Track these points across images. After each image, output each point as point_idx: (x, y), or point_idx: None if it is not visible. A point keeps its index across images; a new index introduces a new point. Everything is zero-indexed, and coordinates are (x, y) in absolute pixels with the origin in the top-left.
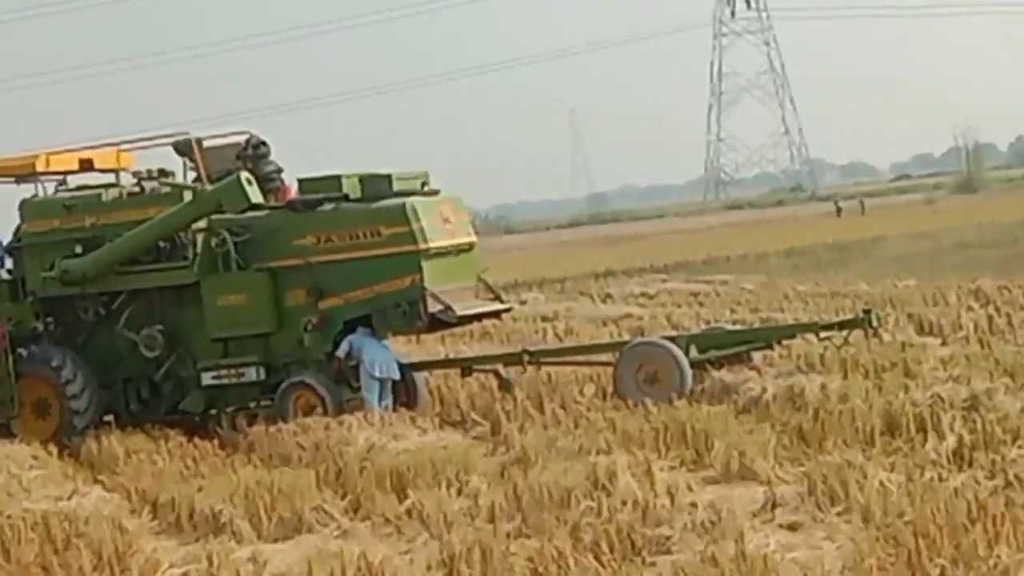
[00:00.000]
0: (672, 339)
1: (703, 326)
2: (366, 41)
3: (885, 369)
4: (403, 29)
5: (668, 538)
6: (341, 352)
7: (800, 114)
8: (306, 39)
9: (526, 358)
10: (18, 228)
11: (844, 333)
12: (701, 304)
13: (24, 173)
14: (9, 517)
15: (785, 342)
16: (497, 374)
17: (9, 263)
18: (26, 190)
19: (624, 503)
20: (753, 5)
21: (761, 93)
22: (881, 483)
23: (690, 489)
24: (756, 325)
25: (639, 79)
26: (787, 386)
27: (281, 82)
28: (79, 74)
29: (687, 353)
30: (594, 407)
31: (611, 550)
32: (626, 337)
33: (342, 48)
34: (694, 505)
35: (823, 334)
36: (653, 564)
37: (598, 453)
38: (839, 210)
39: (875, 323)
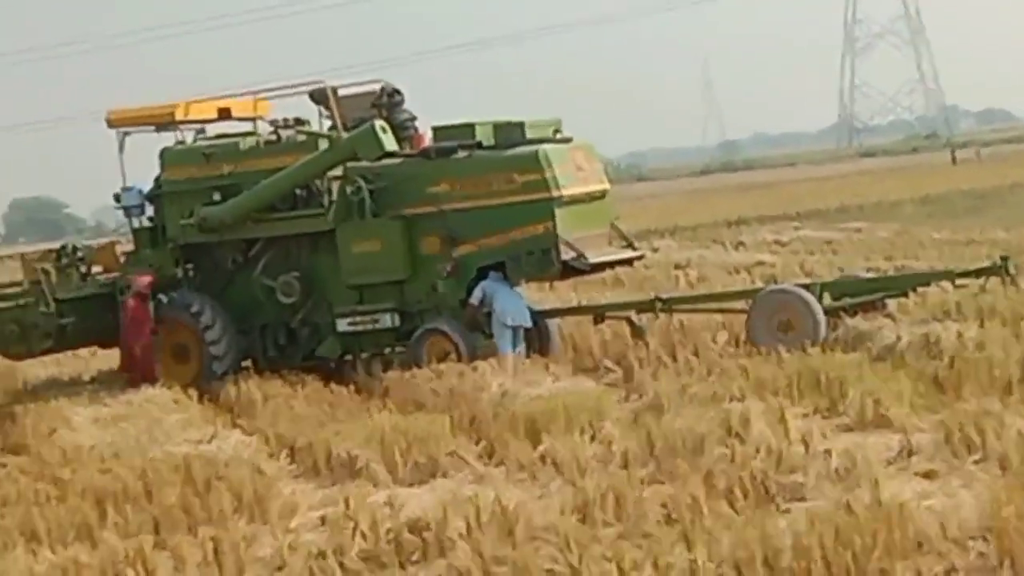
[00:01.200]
0: (806, 287)
1: (836, 274)
2: None
3: (1023, 317)
4: None
5: (802, 485)
6: (474, 299)
7: (935, 60)
8: None
9: (658, 305)
10: (158, 176)
11: (981, 281)
12: (834, 252)
13: (164, 122)
14: (151, 460)
15: (920, 290)
16: (630, 321)
17: (150, 211)
18: (166, 138)
19: (757, 450)
20: None
21: (896, 39)
22: (1019, 431)
23: (824, 436)
24: (890, 273)
25: (773, 25)
26: (922, 334)
27: (417, 30)
28: (218, 24)
29: (821, 301)
30: (727, 354)
31: (744, 497)
32: (759, 285)
33: None
34: (828, 452)
35: (959, 281)
36: (787, 511)
37: (731, 400)
38: (954, 158)
39: (1012, 270)
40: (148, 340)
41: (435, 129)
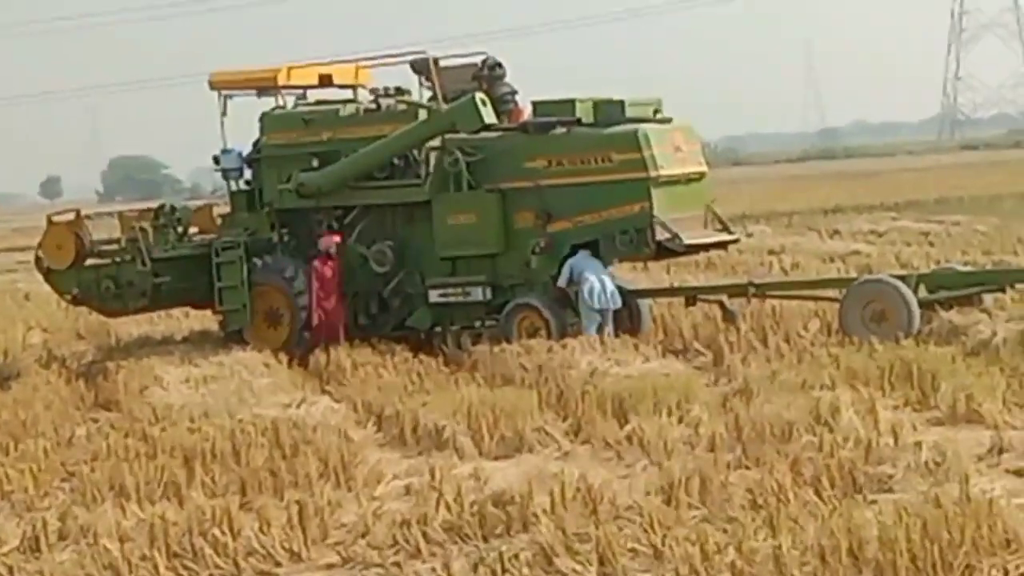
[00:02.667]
0: (901, 278)
1: (933, 266)
2: None
3: None
4: None
5: (891, 477)
6: (563, 280)
7: None
8: None
9: (751, 290)
10: (257, 140)
11: None
12: (931, 244)
13: (265, 86)
14: (240, 421)
15: (1018, 286)
16: (721, 304)
17: (248, 174)
18: (267, 103)
19: (846, 439)
20: None
21: (1003, 31)
22: None
23: (914, 429)
24: (988, 267)
25: (877, 13)
26: (1019, 331)
27: (520, 4)
28: None
29: (916, 293)
30: (818, 342)
31: (832, 486)
32: (853, 274)
33: None
34: (918, 445)
35: None
36: (874, 502)
37: (821, 388)
38: None
39: None
40: (335, 302)
41: (535, 104)
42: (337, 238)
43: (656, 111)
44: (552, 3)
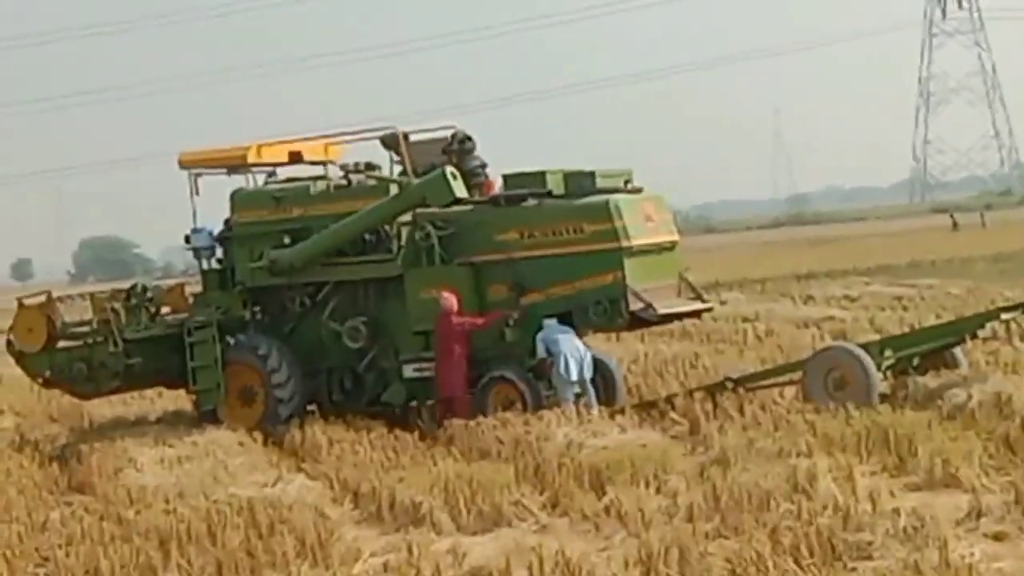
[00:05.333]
0: (864, 345)
1: (907, 330)
2: (575, 37)
3: None
4: (610, 26)
5: (870, 544)
6: (539, 353)
7: (1011, 116)
8: (514, 34)
9: (729, 385)
10: (228, 218)
11: None
12: (905, 308)
13: (236, 164)
14: (215, 502)
15: (991, 347)
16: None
17: (220, 253)
18: (237, 181)
19: (825, 507)
20: (964, 5)
21: (971, 95)
22: None
23: (892, 495)
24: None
25: (845, 80)
26: (994, 393)
27: (487, 78)
28: (290, 68)
29: (882, 357)
30: (794, 409)
31: (811, 554)
32: (828, 340)
33: (549, 45)
34: (896, 511)
35: (1004, 316)
36: (854, 570)
37: (798, 455)
38: (955, 223)
39: None
40: (459, 368)
41: (505, 177)
42: (453, 297)
43: (627, 181)
44: (522, 75)
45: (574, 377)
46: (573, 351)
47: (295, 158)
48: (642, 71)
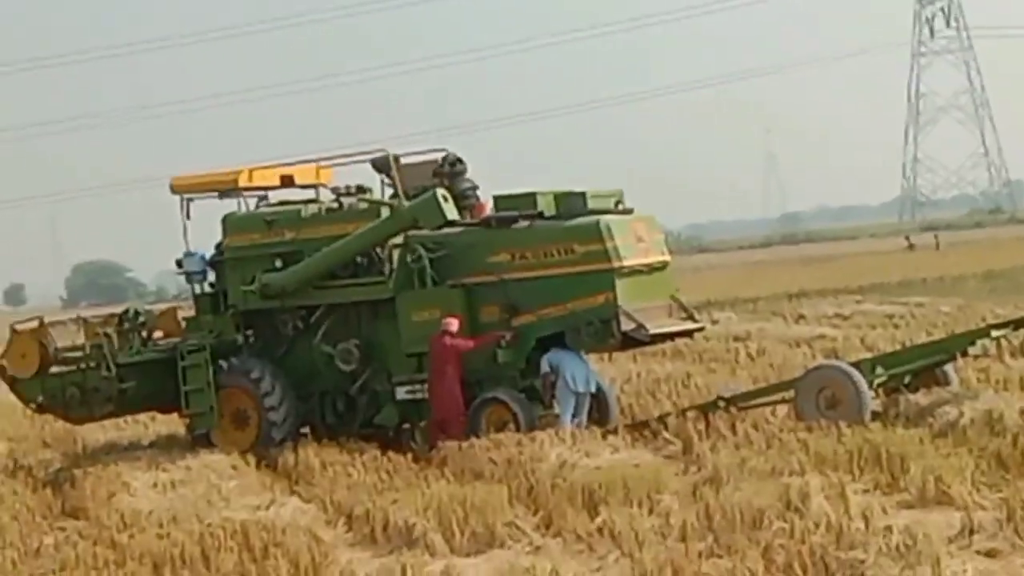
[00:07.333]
0: (856, 364)
1: (898, 348)
2: (564, 58)
3: None
4: (599, 47)
5: (862, 562)
6: (542, 371)
7: (1000, 135)
8: (506, 56)
9: (721, 404)
10: (220, 242)
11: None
12: (896, 326)
13: (227, 188)
14: (209, 525)
15: (983, 364)
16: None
17: (212, 276)
18: (229, 205)
19: (817, 525)
20: (952, 24)
21: (960, 113)
22: None
23: (885, 512)
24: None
25: (835, 99)
26: (985, 410)
27: (478, 99)
28: (280, 91)
29: (873, 375)
30: (786, 428)
31: (804, 572)
32: (819, 358)
33: (539, 67)
34: (889, 529)
35: (994, 333)
36: None
37: (791, 474)
38: (911, 245)
39: None
40: (451, 390)
41: (496, 198)
42: (456, 321)
43: (618, 202)
44: (511, 97)
45: (581, 388)
46: (578, 365)
47: (286, 182)
48: (631, 92)
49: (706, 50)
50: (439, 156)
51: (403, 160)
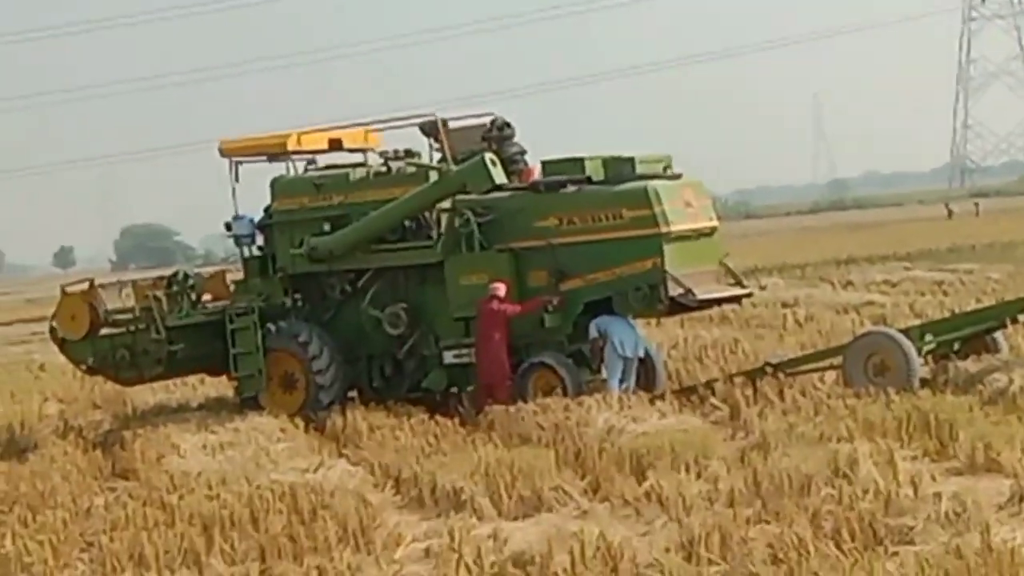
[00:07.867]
0: (904, 330)
1: (947, 315)
2: (615, 23)
3: None
4: (650, 12)
5: (911, 528)
6: (591, 336)
7: None
8: (553, 20)
9: (768, 371)
10: (269, 206)
11: None
12: (945, 293)
13: (276, 152)
14: (258, 487)
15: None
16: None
17: (260, 240)
18: (278, 168)
19: (866, 491)
20: None
21: (1011, 79)
22: None
23: (934, 479)
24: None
25: (885, 64)
26: None
27: (527, 65)
28: (331, 54)
29: (922, 342)
30: (834, 394)
31: (852, 538)
32: (868, 325)
33: (588, 31)
34: (938, 496)
35: None
36: (895, 554)
37: (839, 440)
38: (950, 212)
39: None
40: (498, 355)
41: (545, 163)
42: (503, 286)
43: (666, 167)
44: (562, 61)
45: (629, 354)
46: (626, 330)
47: (335, 145)
48: (682, 57)
49: (756, 15)
50: (487, 120)
51: (451, 124)
